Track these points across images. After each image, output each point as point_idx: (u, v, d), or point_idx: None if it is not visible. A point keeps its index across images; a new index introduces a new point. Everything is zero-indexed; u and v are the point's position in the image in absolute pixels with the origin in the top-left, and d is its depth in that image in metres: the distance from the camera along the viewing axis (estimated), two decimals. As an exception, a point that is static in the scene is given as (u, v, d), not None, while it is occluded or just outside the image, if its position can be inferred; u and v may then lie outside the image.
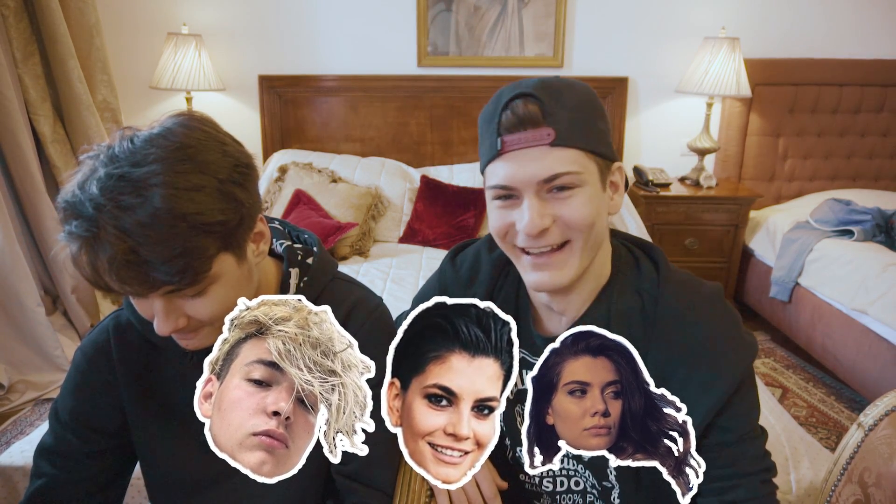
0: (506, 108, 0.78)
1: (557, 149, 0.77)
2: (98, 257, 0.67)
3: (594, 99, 0.82)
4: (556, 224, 0.79)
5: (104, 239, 0.65)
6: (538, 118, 0.77)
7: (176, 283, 0.69)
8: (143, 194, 0.66)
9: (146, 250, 0.66)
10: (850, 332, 2.38)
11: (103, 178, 0.66)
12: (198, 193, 0.69)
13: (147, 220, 0.65)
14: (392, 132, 3.30)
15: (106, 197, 0.65)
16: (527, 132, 0.77)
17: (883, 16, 3.17)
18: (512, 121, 0.78)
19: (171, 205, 0.66)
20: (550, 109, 0.77)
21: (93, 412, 0.89)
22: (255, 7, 3.14)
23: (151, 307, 0.74)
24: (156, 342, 0.87)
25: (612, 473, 0.87)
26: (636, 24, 3.18)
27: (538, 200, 0.78)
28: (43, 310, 2.47)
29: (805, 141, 3.23)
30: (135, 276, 0.67)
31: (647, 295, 0.85)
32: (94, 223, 0.65)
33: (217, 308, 0.75)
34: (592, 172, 0.79)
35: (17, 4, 2.47)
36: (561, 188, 0.78)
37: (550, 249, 0.80)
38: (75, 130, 2.75)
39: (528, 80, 0.80)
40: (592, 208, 0.79)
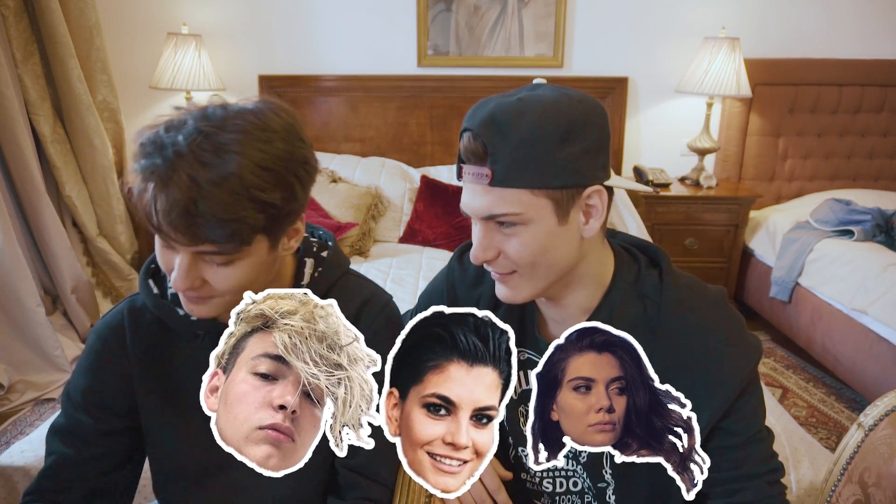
0: (461, 139, 0.79)
1: (497, 189, 0.76)
2: (162, 197, 0.71)
3: (562, 121, 0.75)
4: (501, 255, 0.80)
5: (174, 183, 0.70)
6: (480, 156, 0.76)
7: (217, 245, 0.74)
8: (222, 157, 0.71)
9: (206, 205, 0.71)
10: (851, 332, 2.38)
11: (191, 131, 0.72)
12: (266, 172, 0.74)
13: (217, 180, 0.71)
14: (392, 132, 3.30)
15: (189, 147, 0.71)
16: (472, 167, 0.78)
17: (883, 16, 3.17)
18: (463, 152, 0.79)
19: (241, 173, 0.72)
20: (492, 149, 0.75)
21: (105, 392, 0.90)
22: (255, 7, 3.14)
23: (174, 261, 0.76)
24: (169, 324, 0.89)
25: (608, 473, 0.87)
26: (636, 24, 3.18)
27: (485, 232, 0.80)
28: (43, 310, 2.47)
29: (805, 141, 3.23)
30: (187, 225, 0.72)
31: (651, 301, 0.84)
32: (171, 166, 0.70)
33: (235, 282, 0.78)
34: (541, 208, 0.77)
35: (17, 4, 2.47)
36: (505, 223, 0.78)
37: (500, 273, 0.82)
38: (75, 130, 2.75)
39: (483, 110, 0.77)
40: (537, 245, 0.78)
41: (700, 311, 0.82)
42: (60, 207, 2.77)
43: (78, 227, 2.86)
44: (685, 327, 0.81)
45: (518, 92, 0.79)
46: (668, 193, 3.04)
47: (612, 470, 0.87)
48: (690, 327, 0.81)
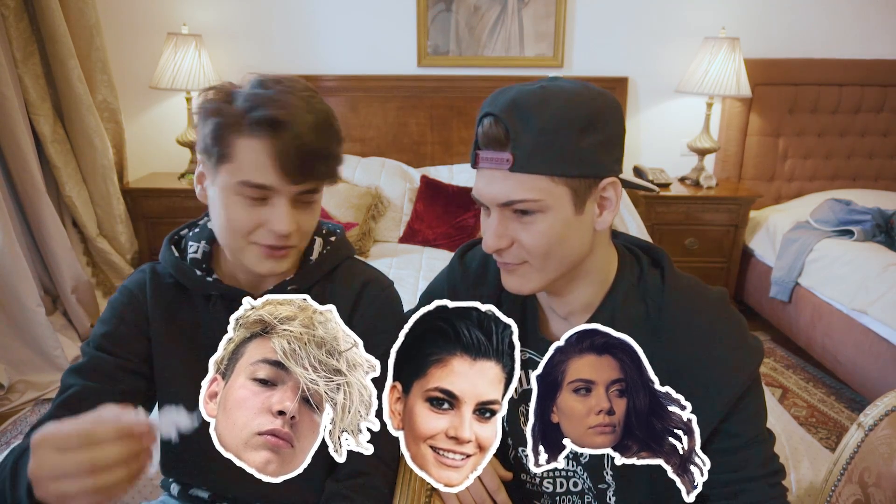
0: (479, 124, 0.79)
1: (517, 174, 0.76)
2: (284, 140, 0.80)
3: (583, 111, 0.76)
4: (515, 244, 0.80)
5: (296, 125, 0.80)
6: (501, 141, 0.76)
7: (320, 181, 0.86)
8: (317, 106, 0.85)
9: (322, 143, 0.83)
10: (850, 332, 2.38)
11: (284, 87, 0.84)
12: (335, 121, 0.88)
13: (323, 124, 0.84)
14: (392, 132, 3.30)
15: (296, 97, 0.83)
16: (492, 152, 0.78)
17: (883, 16, 3.17)
18: (482, 138, 0.79)
19: (332, 121, 0.86)
20: (514, 133, 0.75)
21: (125, 337, 0.93)
22: (255, 7, 3.14)
23: (265, 215, 0.84)
24: (186, 284, 0.94)
25: (609, 474, 0.87)
26: (636, 24, 3.18)
27: (500, 220, 0.79)
28: (43, 310, 2.47)
29: (805, 141, 3.23)
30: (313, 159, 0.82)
31: (653, 302, 0.84)
32: (289, 112, 0.81)
33: (313, 223, 0.90)
34: (559, 196, 0.77)
35: (17, 4, 2.47)
36: (523, 211, 0.78)
37: (510, 264, 0.82)
38: (75, 130, 2.75)
39: (505, 95, 0.78)
40: (554, 234, 0.78)
41: (702, 312, 0.82)
42: (60, 207, 2.77)
43: (78, 227, 2.86)
44: (687, 329, 0.81)
45: (538, 81, 0.79)
46: (668, 193, 3.04)
47: (613, 471, 0.87)
48: (692, 329, 0.81)
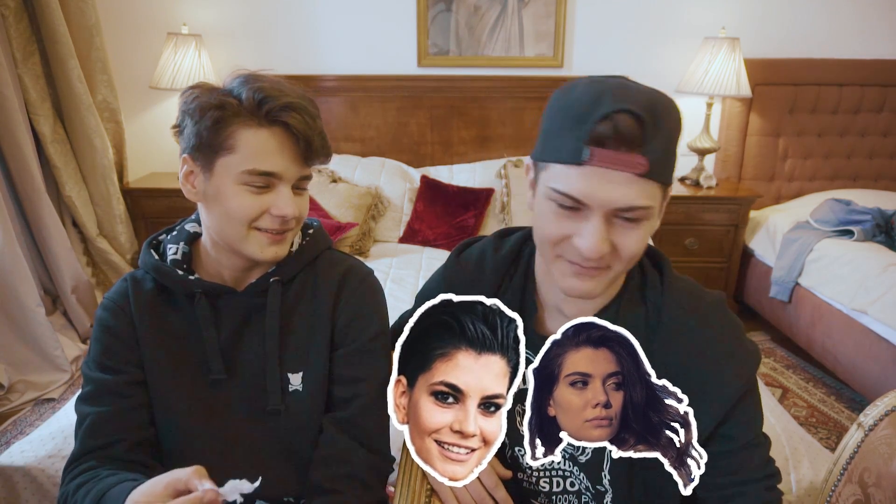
0: (606, 118, 0.70)
1: (644, 180, 0.71)
2: (303, 124, 0.88)
3: (681, 121, 0.76)
4: (611, 250, 0.76)
5: (308, 113, 0.89)
6: (636, 142, 0.70)
7: (323, 159, 0.94)
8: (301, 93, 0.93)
9: (320, 125, 0.92)
10: (850, 332, 2.38)
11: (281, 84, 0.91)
12: None
13: (314, 109, 0.93)
14: (392, 132, 3.30)
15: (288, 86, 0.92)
16: (620, 153, 0.70)
17: (883, 16, 3.16)
18: (609, 135, 0.70)
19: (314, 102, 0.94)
20: (650, 136, 0.70)
21: (117, 351, 0.94)
22: (255, 7, 3.14)
23: (266, 202, 0.88)
24: (168, 285, 0.96)
25: (607, 477, 0.87)
26: (636, 24, 3.18)
27: (605, 224, 0.73)
28: (43, 310, 2.47)
29: (805, 141, 3.22)
30: (313, 143, 0.89)
31: (652, 304, 0.84)
32: (300, 101, 0.90)
33: (306, 208, 0.95)
34: (658, 203, 0.76)
35: (17, 4, 2.47)
36: (629, 218, 0.74)
37: (593, 269, 0.77)
38: (75, 130, 2.75)
39: (636, 92, 0.72)
40: (645, 240, 0.77)
41: (700, 316, 0.82)
42: (60, 207, 2.77)
43: (78, 227, 2.86)
44: (685, 332, 0.81)
45: (631, 83, 0.76)
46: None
47: (611, 475, 0.86)
48: (690, 332, 0.81)
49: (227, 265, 0.96)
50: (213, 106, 0.86)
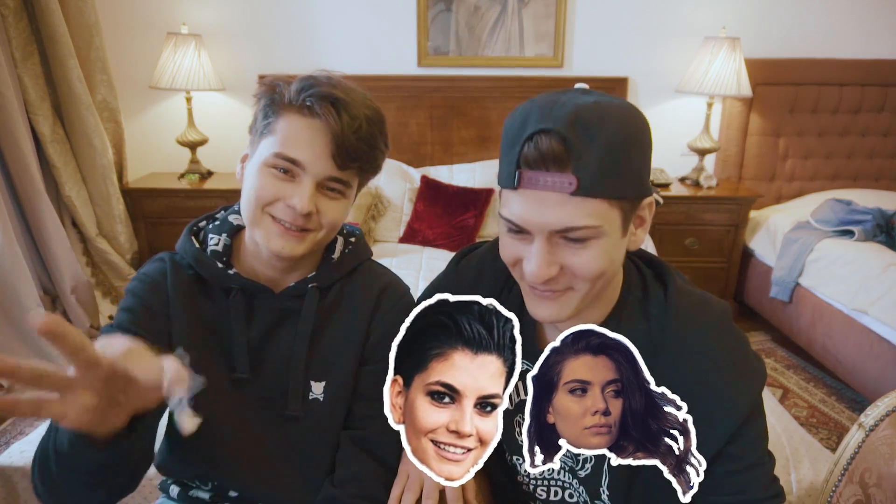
0: (530, 140, 0.69)
1: (577, 198, 0.69)
2: (342, 121, 0.87)
3: (634, 129, 0.71)
4: (562, 271, 0.74)
5: (354, 108, 0.89)
6: (562, 161, 0.68)
7: (369, 168, 0.94)
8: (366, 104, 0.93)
9: (363, 139, 0.89)
10: (851, 332, 2.38)
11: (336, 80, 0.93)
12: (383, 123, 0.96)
13: (368, 122, 0.91)
14: (392, 132, 3.21)
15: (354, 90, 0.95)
16: (547, 174, 0.69)
17: (883, 16, 3.16)
18: (533, 156, 0.69)
19: (379, 123, 0.94)
20: (578, 152, 0.67)
21: (148, 318, 0.91)
22: (255, 7, 3.14)
23: (290, 191, 0.87)
24: (206, 276, 0.94)
25: (605, 493, 0.86)
26: (636, 24, 3.18)
27: (548, 247, 0.72)
28: (43, 310, 2.47)
29: (805, 141, 3.22)
30: (345, 148, 0.87)
31: (655, 319, 0.82)
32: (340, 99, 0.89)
33: (337, 216, 0.92)
34: (613, 220, 0.72)
35: (16, 4, 2.47)
36: (573, 238, 0.71)
37: (553, 291, 0.76)
38: (75, 130, 2.75)
39: (562, 108, 0.69)
40: (604, 260, 0.73)
41: (704, 336, 0.80)
42: (60, 207, 2.77)
43: (77, 227, 2.86)
44: (689, 352, 0.79)
45: (577, 94, 0.73)
46: (668, 193, 3.03)
47: (610, 491, 0.85)
48: (694, 351, 0.79)
49: (266, 263, 0.94)
50: (269, 90, 0.90)
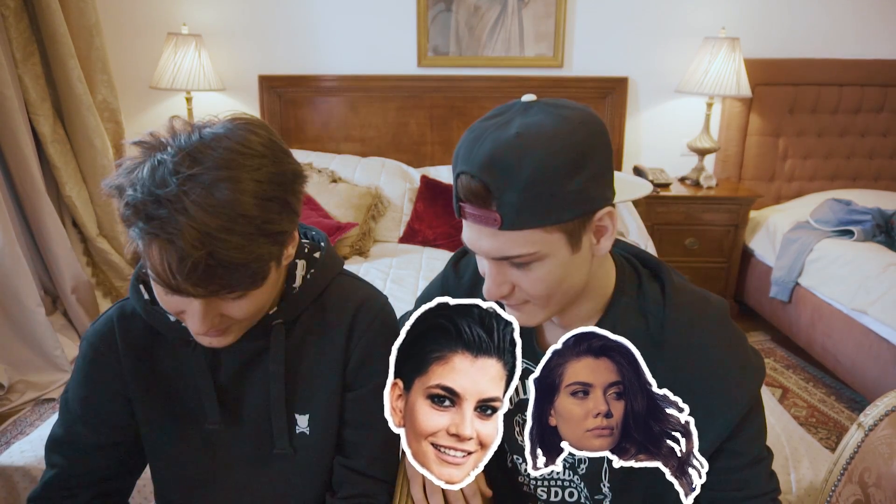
0: (458, 178, 0.72)
1: (507, 232, 0.70)
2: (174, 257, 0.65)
3: (568, 155, 0.69)
4: (515, 289, 0.76)
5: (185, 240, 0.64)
6: (484, 199, 0.70)
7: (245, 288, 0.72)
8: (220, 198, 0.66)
9: (224, 254, 0.66)
10: (851, 332, 2.38)
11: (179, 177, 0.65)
12: (269, 203, 0.70)
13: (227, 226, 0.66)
14: (392, 132, 3.30)
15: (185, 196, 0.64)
16: (475, 209, 0.71)
17: (883, 16, 3.16)
18: (462, 192, 0.72)
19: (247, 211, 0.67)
20: (497, 192, 0.69)
21: (102, 402, 0.89)
22: (255, 7, 3.14)
23: (182, 305, 0.73)
24: (160, 330, 0.86)
25: (606, 486, 0.86)
26: (636, 24, 3.18)
27: (497, 268, 0.75)
28: (43, 310, 2.47)
29: (805, 141, 3.22)
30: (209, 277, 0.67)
31: (653, 318, 0.82)
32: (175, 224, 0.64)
33: (253, 309, 0.76)
34: (554, 243, 0.72)
35: (17, 4, 2.47)
36: (516, 263, 0.73)
37: (510, 305, 0.79)
38: (75, 130, 2.75)
39: (480, 148, 0.69)
40: (553, 278, 0.74)
41: (703, 332, 0.81)
42: (60, 207, 2.77)
43: (78, 227, 2.86)
44: (688, 348, 0.79)
45: (510, 120, 0.71)
46: (668, 193, 3.04)
47: (611, 483, 0.86)
48: (693, 349, 0.79)
49: None
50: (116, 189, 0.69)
